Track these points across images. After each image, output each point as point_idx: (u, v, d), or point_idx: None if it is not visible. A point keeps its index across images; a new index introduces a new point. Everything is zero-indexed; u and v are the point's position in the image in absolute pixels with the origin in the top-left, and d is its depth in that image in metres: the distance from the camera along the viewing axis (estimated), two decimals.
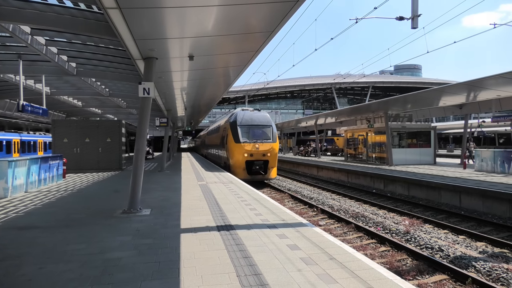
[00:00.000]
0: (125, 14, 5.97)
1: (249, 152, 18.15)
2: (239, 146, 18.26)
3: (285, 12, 6.22)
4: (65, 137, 18.56)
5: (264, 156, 18.35)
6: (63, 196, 10.39)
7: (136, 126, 9.38)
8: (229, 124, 19.55)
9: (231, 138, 18.71)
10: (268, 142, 18.63)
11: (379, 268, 4.44)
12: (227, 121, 21.21)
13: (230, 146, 18.84)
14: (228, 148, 19.31)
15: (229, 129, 19.23)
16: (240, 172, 18.25)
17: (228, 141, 19.16)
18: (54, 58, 11.17)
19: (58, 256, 4.92)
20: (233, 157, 18.66)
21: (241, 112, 19.78)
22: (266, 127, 19.34)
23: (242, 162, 18.20)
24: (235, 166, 18.58)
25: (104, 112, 31.68)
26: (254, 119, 19.32)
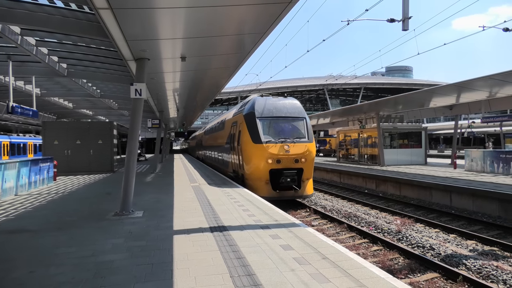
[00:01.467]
0: (116, 14, 5.94)
1: (275, 156, 12.19)
2: (260, 149, 12.27)
3: (277, 14, 6.25)
4: (56, 139, 18.34)
5: (297, 163, 12.37)
6: (54, 199, 10.27)
7: (128, 127, 9.33)
8: (243, 116, 13.47)
9: (247, 137, 12.80)
10: (302, 142, 12.67)
11: (371, 267, 4.47)
12: (237, 112, 15.13)
13: (246, 148, 12.87)
14: (241, 151, 13.28)
15: (242, 124, 13.35)
16: (261, 186, 12.31)
17: (242, 141, 13.08)
18: (45, 58, 11.05)
19: (49, 260, 4.86)
20: (250, 164, 12.75)
21: (261, 100, 13.66)
22: (298, 120, 13.30)
23: (264, 172, 12.24)
24: (254, 178, 12.63)
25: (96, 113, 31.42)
26: (280, 109, 13.37)
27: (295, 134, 12.91)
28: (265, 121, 12.96)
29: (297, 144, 12.54)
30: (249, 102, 14.03)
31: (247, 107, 13.75)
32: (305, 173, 12.61)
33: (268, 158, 12.18)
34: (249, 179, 12.97)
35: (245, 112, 13.50)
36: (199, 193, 10.89)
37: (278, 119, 13.15)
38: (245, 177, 13.18)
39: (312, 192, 13.21)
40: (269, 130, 12.80)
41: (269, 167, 12.24)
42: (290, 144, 12.45)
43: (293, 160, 12.35)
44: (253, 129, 12.67)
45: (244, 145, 12.98)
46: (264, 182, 12.34)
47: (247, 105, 13.97)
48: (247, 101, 14.54)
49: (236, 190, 11.46)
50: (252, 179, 12.77)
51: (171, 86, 14.02)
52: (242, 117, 13.57)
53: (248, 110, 13.38)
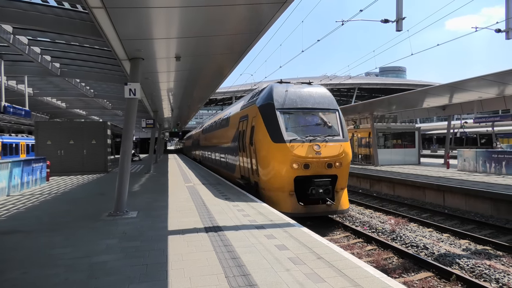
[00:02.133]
0: (110, 13, 5.90)
1: (303, 160, 9.53)
2: (282, 150, 9.61)
3: (272, 14, 6.26)
4: (49, 139, 18.17)
5: (330, 168, 9.69)
6: (47, 200, 10.18)
7: (122, 127, 9.27)
8: (257, 109, 10.73)
9: (264, 135, 10.06)
10: (336, 141, 10.00)
11: (366, 266, 4.49)
12: (247, 104, 12.33)
13: (262, 149, 10.13)
14: (255, 153, 10.53)
15: (257, 118, 10.59)
16: (282, 199, 9.64)
17: (257, 140, 10.35)
18: (37, 58, 10.94)
19: (42, 261, 4.81)
20: (267, 170, 10.04)
21: (280, 87, 10.82)
22: (329, 113, 10.62)
23: (287, 180, 9.57)
24: (273, 188, 9.94)
25: (89, 113, 31.20)
26: (306, 98, 10.64)
27: (327, 130, 10.20)
28: (287, 114, 10.18)
29: (329, 144, 9.81)
30: (264, 91, 11.12)
31: (262, 97, 10.86)
32: (340, 181, 9.88)
33: (294, 162, 9.41)
34: (266, 189, 10.10)
35: (260, 103, 10.67)
36: (194, 193, 10.86)
37: (304, 111, 10.37)
38: (261, 186, 10.33)
39: (348, 206, 10.30)
40: (293, 126, 10.06)
41: (294, 174, 9.44)
42: (321, 143, 9.76)
43: (325, 164, 9.61)
44: (272, 124, 9.93)
45: (259, 144, 10.16)
46: (287, 194, 9.53)
47: (261, 94, 11.04)
48: (261, 90, 11.65)
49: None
50: (270, 189, 9.95)
51: (165, 86, 13.96)
52: (255, 109, 10.77)
53: (264, 101, 10.57)
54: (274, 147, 9.73)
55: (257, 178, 10.64)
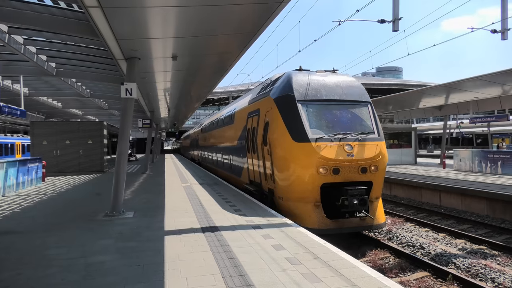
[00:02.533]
0: (106, 13, 5.88)
1: (332, 163, 7.89)
2: (306, 150, 7.97)
3: (269, 13, 6.25)
4: (45, 139, 18.08)
5: (364, 174, 8.07)
6: (43, 200, 10.12)
7: (118, 127, 9.24)
8: (272, 101, 9.02)
9: (282, 132, 8.37)
10: (370, 140, 8.37)
11: (362, 266, 4.50)
12: (258, 97, 10.55)
13: (280, 149, 8.43)
14: (271, 154, 8.74)
15: (272, 112, 8.88)
16: (306, 211, 7.95)
17: (273, 138, 8.63)
18: (33, 57, 10.88)
19: (37, 261, 4.78)
20: (287, 175, 8.33)
21: (300, 75, 9.10)
22: (360, 106, 9.00)
23: (312, 188, 7.93)
24: (294, 197, 8.23)
25: (85, 113, 31.08)
26: (332, 89, 8.97)
27: (358, 127, 8.55)
28: (311, 107, 8.49)
29: (363, 144, 8.17)
30: (280, 80, 9.33)
31: (278, 87, 9.10)
32: (375, 189, 8.22)
33: (320, 166, 7.73)
34: (284, 199, 8.39)
35: (276, 95, 8.95)
36: (191, 193, 10.84)
37: (331, 104, 8.69)
38: (277, 194, 8.63)
39: (385, 220, 8.53)
40: (318, 121, 8.41)
41: (320, 181, 7.78)
42: (353, 143, 8.09)
43: (358, 169, 7.94)
44: (293, 119, 8.24)
45: (276, 144, 8.44)
46: (311, 205, 7.85)
47: (277, 84, 9.29)
48: (275, 79, 9.82)
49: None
50: (290, 198, 8.25)
51: (162, 85, 13.92)
52: (270, 102, 9.07)
53: (282, 91, 8.83)
54: (295, 147, 7.98)
55: (272, 185, 8.87)
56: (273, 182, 8.75)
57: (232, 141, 13.14)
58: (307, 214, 7.85)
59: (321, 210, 7.87)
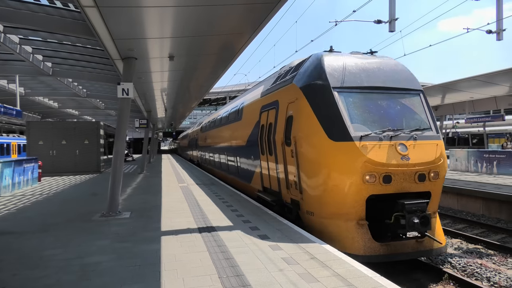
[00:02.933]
0: (103, 12, 5.86)
1: (383, 168, 6.13)
2: (348, 151, 6.24)
3: (266, 13, 6.26)
4: (41, 139, 17.99)
5: (422, 183, 6.35)
6: (39, 200, 10.07)
7: (115, 127, 9.21)
8: (298, 90, 7.28)
9: (313, 128, 6.69)
10: (427, 139, 6.68)
11: (359, 266, 4.51)
12: (278, 86, 8.68)
13: (310, 150, 6.76)
14: (297, 156, 7.06)
15: (299, 103, 7.19)
16: (347, 231, 6.19)
17: (302, 136, 6.95)
18: (29, 57, 10.83)
19: (33, 262, 4.76)
20: (320, 182, 6.55)
21: (332, 57, 7.41)
22: (411, 95, 7.32)
23: (355, 201, 6.17)
24: (330, 213, 6.48)
25: (82, 113, 30.98)
26: (375, 73, 7.28)
27: (411, 122, 6.83)
28: (351, 95, 6.76)
29: (420, 143, 6.48)
30: (305, 64, 7.60)
31: (305, 72, 7.35)
32: (433, 202, 6.58)
33: (367, 172, 6.02)
34: (316, 215, 6.63)
35: (303, 82, 7.19)
36: (188, 194, 10.82)
37: (375, 92, 6.96)
38: (306, 208, 6.86)
39: (445, 242, 6.66)
40: (361, 114, 6.65)
41: (367, 191, 6.06)
42: (407, 142, 6.38)
43: (415, 176, 6.24)
44: (328, 111, 6.52)
45: (305, 143, 6.75)
46: (353, 223, 6.11)
47: (303, 69, 7.52)
48: (299, 64, 8.02)
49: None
50: (324, 214, 6.49)
51: (159, 85, 13.90)
52: (295, 91, 7.31)
53: (311, 77, 7.08)
54: (333, 148, 6.24)
55: (297, 195, 7.11)
56: (300, 192, 6.92)
57: (240, 141, 11.46)
58: (348, 236, 6.06)
59: (366, 230, 6.06)
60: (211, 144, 18.36)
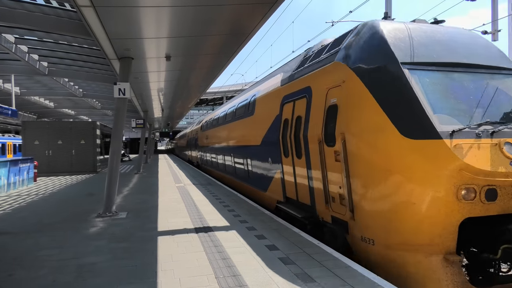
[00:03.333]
0: (99, 12, 5.85)
1: (486, 179, 4.20)
2: (434, 152, 4.31)
3: (262, 14, 6.27)
4: (36, 139, 17.91)
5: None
6: (34, 200, 10.02)
7: (111, 127, 9.19)
8: (350, 70, 5.31)
9: (377, 120, 4.74)
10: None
11: (355, 266, 4.52)
12: (310, 66, 6.77)
13: (372, 150, 4.84)
14: (346, 160, 5.18)
15: (351, 88, 5.25)
16: (431, 270, 4.24)
17: (357, 132, 5.05)
18: (24, 57, 10.78)
19: (29, 262, 4.74)
20: (388, 198, 4.61)
21: (393, 26, 5.40)
22: (506, 76, 5.33)
23: (443, 226, 4.24)
24: (404, 244, 4.46)
25: (78, 113, 30.86)
26: (452, 46, 5.35)
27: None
28: (428, 74, 5.04)
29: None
30: (352, 36, 5.82)
31: (354, 45, 5.59)
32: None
33: (463, 185, 4.29)
34: (380, 243, 4.80)
35: (354, 58, 5.43)
36: (184, 194, 10.81)
37: (457, 70, 5.24)
38: (361, 233, 5.09)
39: None
40: (446, 100, 4.89)
41: (461, 213, 4.30)
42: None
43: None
44: (398, 97, 4.81)
45: (362, 141, 5.06)
46: (440, 259, 4.33)
47: (350, 42, 5.72)
48: (343, 36, 6.25)
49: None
50: (393, 244, 4.66)
51: (155, 85, 13.87)
52: (341, 71, 5.57)
53: (366, 51, 5.36)
54: (408, 148, 4.50)
55: (343, 213, 5.34)
56: (349, 210, 5.09)
57: (251, 140, 9.76)
58: (431, 277, 4.28)
59: (459, 270, 4.26)
60: (214, 143, 16.35)
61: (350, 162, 5.12)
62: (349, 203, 5.16)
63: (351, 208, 5.13)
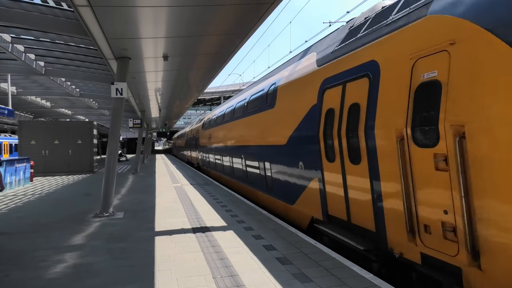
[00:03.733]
0: (96, 12, 5.83)
1: None
2: None
3: (260, 14, 6.27)
4: (33, 139, 17.84)
5: None
6: (31, 201, 9.97)
7: (108, 127, 9.17)
8: (472, 24, 3.30)
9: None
10: None
11: (352, 266, 4.53)
12: (373, 29, 5.04)
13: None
14: (463, 167, 3.29)
15: (476, 49, 3.22)
16: None
17: (487, 124, 3.07)
18: (21, 56, 10.73)
19: (25, 263, 4.72)
20: None
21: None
22: None
23: None
24: None
25: (75, 113, 30.75)
26: None
27: None
28: None
29: None
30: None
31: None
32: None
33: None
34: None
35: (478, 7, 3.39)
36: (182, 194, 10.80)
37: None
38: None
39: None
40: None
41: None
42: None
43: None
44: None
45: (504, 140, 2.97)
46: None
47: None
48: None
49: None
50: None
51: (153, 85, 13.84)
52: (449, 25, 3.62)
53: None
54: None
55: (455, 253, 3.51)
56: (466, 248, 3.34)
57: (271, 138, 8.22)
58: None
59: None
60: (218, 142, 14.31)
61: (476, 172, 3.26)
62: (467, 239, 3.30)
63: (472, 246, 3.30)
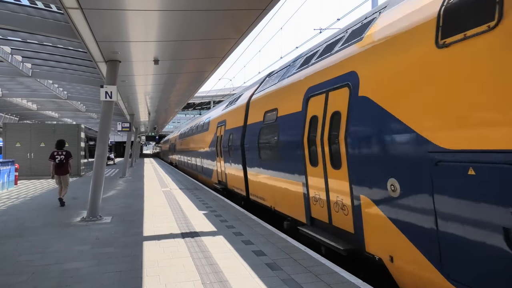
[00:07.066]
0: (87, 15, 5.79)
1: None
2: None
3: (251, 20, 6.31)
4: (18, 141, 17.50)
5: None
6: (15, 204, 9.76)
7: (97, 130, 9.06)
8: None
9: None
10: None
11: (342, 272, 4.55)
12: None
13: None
14: None
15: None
16: None
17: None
18: (7, 58, 10.55)
19: (9, 268, 4.60)
20: None
21: None
22: None
23: None
24: None
25: (62, 115, 30.30)
26: None
27: None
28: None
29: None
30: None
31: None
32: None
33: None
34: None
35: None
36: (171, 198, 10.71)
37: None
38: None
39: None
40: None
41: None
42: None
43: None
44: None
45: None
46: None
47: None
48: None
49: None
50: None
51: (143, 89, 13.76)
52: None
53: None
54: None
55: None
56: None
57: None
58: None
59: None
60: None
61: None
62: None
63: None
